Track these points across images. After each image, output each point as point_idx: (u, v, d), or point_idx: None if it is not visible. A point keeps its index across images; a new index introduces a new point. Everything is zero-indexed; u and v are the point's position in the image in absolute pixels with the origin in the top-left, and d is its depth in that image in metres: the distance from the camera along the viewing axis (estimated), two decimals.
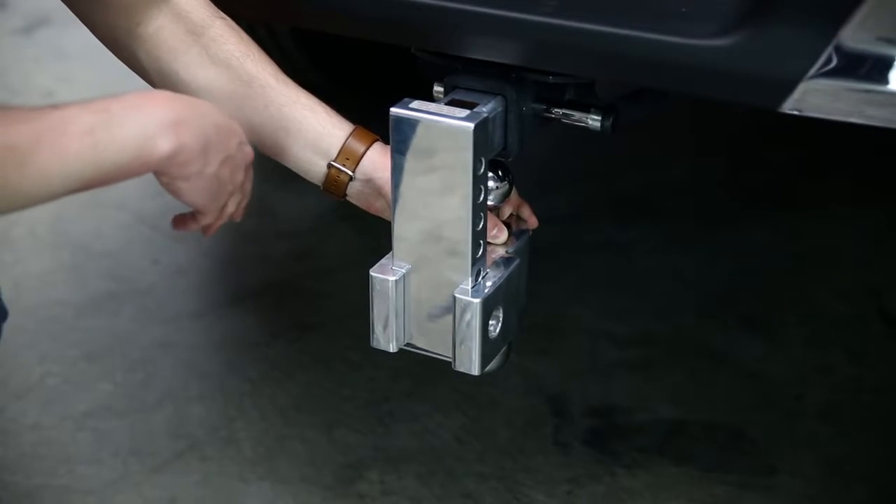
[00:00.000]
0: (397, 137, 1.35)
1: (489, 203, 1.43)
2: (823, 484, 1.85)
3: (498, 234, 1.47)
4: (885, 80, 1.20)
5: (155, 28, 1.44)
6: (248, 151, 1.34)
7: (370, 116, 1.53)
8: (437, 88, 1.49)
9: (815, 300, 2.28)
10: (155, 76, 1.48)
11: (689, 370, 2.10)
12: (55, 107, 1.13)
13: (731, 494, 1.83)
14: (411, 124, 1.34)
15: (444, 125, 1.32)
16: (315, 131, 1.45)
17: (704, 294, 2.31)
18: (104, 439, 1.96)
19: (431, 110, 1.34)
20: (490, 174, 1.41)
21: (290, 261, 2.44)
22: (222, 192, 1.30)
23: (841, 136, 2.10)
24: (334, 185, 1.46)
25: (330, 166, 1.44)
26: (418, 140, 1.34)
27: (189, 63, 1.44)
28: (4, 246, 2.51)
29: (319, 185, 1.48)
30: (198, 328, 2.25)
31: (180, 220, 1.38)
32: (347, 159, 1.44)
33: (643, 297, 2.30)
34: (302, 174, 1.49)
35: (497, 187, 1.47)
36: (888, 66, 1.20)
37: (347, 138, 1.44)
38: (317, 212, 2.58)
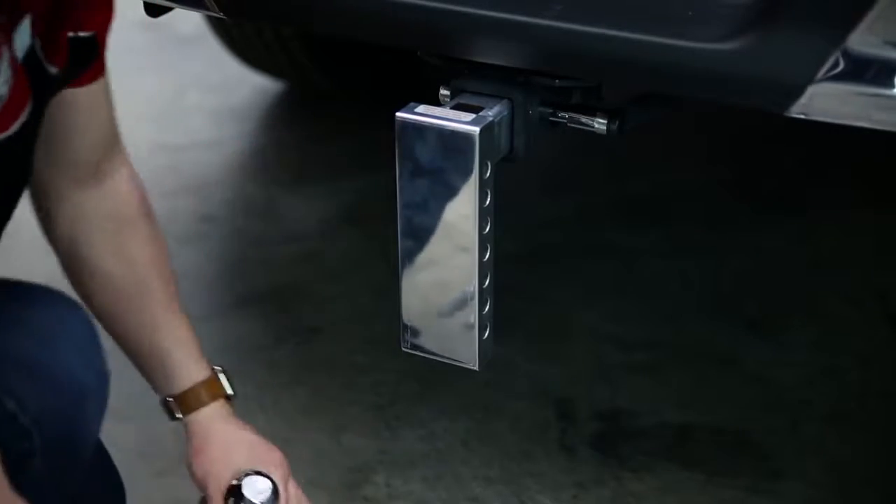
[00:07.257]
0: (403, 142, 1.35)
1: None
2: (830, 488, 1.84)
3: None
4: (892, 85, 1.20)
5: (98, 194, 1.42)
6: None
7: (376, 120, 1.53)
8: (444, 92, 1.49)
9: (821, 304, 2.28)
10: (65, 243, 1.47)
11: (695, 374, 2.10)
12: None
13: (737, 498, 1.83)
14: (417, 128, 1.34)
15: (450, 129, 1.32)
16: (175, 366, 1.50)
17: (711, 297, 2.31)
18: (110, 443, 1.95)
19: (437, 114, 1.34)
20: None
21: (296, 264, 2.44)
22: None
23: (847, 139, 2.09)
24: (168, 411, 1.51)
25: (166, 401, 1.49)
26: (424, 144, 1.34)
27: (103, 251, 1.44)
28: (10, 249, 2.51)
29: (159, 400, 1.51)
30: (204, 331, 2.22)
31: None
32: (183, 403, 1.48)
33: (649, 301, 2.29)
34: (146, 379, 1.53)
35: None
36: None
37: (194, 385, 1.48)
38: (322, 215, 2.58)
